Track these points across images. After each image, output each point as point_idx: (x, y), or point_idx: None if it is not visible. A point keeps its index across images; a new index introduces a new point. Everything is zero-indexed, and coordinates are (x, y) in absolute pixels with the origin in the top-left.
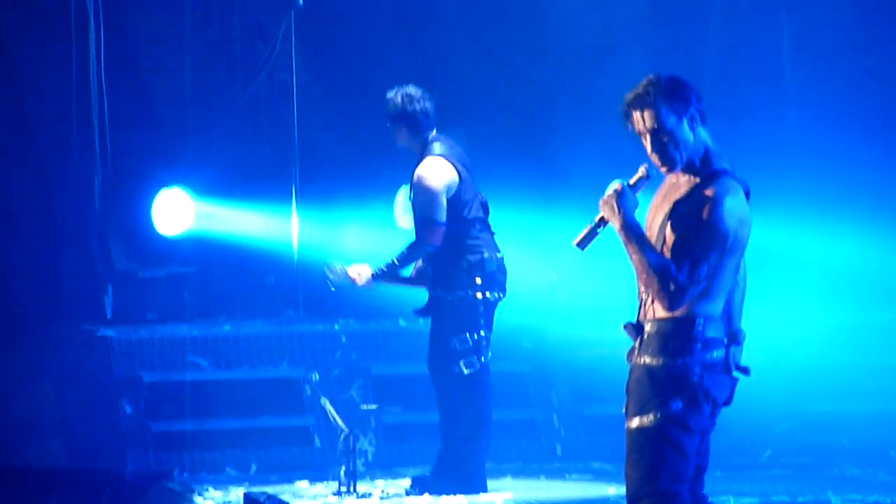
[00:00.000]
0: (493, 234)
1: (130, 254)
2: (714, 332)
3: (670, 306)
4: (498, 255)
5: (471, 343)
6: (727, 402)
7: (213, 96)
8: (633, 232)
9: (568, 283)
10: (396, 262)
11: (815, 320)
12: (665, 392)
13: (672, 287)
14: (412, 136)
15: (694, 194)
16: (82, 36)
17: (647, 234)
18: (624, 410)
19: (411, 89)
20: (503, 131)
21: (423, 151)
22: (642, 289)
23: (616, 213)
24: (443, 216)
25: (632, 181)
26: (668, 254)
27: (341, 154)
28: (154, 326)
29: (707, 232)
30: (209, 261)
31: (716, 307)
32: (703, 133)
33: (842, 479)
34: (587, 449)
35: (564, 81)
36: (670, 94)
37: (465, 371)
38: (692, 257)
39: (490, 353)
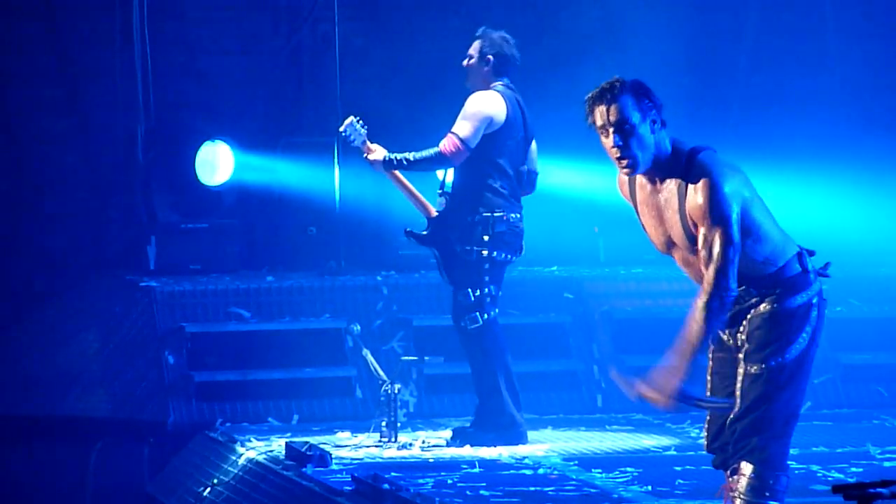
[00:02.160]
0: (517, 199)
1: (174, 205)
2: (810, 264)
3: (727, 304)
4: (512, 216)
5: (472, 298)
6: None
7: (256, 48)
8: (689, 346)
9: (610, 235)
10: (409, 158)
11: (855, 273)
12: (796, 329)
13: (726, 298)
14: (491, 76)
15: (689, 189)
16: None
17: (664, 238)
18: (720, 355)
19: (508, 35)
20: (546, 84)
21: (487, 86)
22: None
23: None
24: (472, 139)
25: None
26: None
27: (383, 106)
28: (197, 278)
29: (721, 214)
30: (252, 212)
31: (791, 242)
32: (665, 136)
33: (881, 430)
34: (628, 400)
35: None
36: (636, 93)
37: (469, 326)
38: (720, 263)
39: (497, 310)
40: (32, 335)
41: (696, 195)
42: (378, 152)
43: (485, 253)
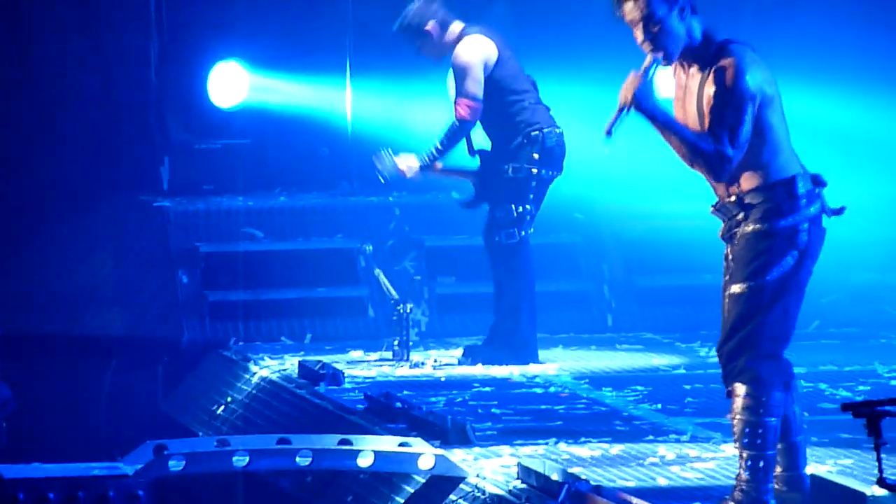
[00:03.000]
0: (548, 108)
1: (186, 126)
2: (808, 185)
3: (718, 176)
4: (557, 130)
5: (514, 214)
6: None
7: None
8: (659, 115)
9: (620, 156)
10: (439, 146)
11: (861, 193)
12: (775, 251)
13: (717, 156)
14: (444, 33)
15: (712, 72)
16: None
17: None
18: (726, 279)
19: (416, 2)
20: (545, 4)
21: (456, 42)
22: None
23: (637, 98)
24: (478, 91)
25: (643, 68)
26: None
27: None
28: (210, 198)
29: (736, 98)
30: (264, 133)
31: (797, 162)
32: (696, 22)
33: (888, 349)
34: (638, 320)
35: None
36: None
37: (505, 241)
38: (728, 124)
39: (532, 229)
40: (47, 254)
41: (715, 80)
42: (412, 163)
43: (534, 171)
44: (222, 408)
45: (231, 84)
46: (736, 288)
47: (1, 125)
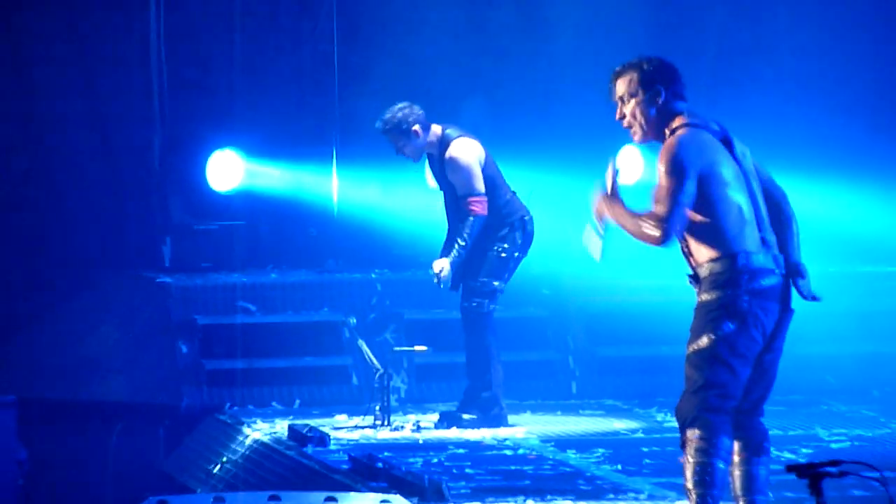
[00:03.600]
0: (515, 193)
1: (186, 208)
2: (761, 262)
3: (661, 241)
4: (526, 215)
5: (489, 288)
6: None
7: (261, 66)
8: (622, 215)
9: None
10: (463, 243)
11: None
12: (717, 318)
13: (653, 225)
14: (424, 140)
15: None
16: (143, 11)
17: None
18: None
19: (399, 105)
20: (519, 98)
21: (440, 142)
22: (682, 245)
23: (613, 211)
24: (482, 187)
25: (608, 185)
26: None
27: (376, 119)
28: (208, 274)
29: (666, 176)
30: (258, 215)
31: (749, 241)
32: (676, 107)
33: (829, 415)
34: (600, 388)
35: (575, 54)
36: (643, 71)
37: (478, 309)
38: (659, 194)
39: (497, 305)
40: (58, 327)
41: (657, 161)
42: (444, 266)
43: (516, 254)
44: (218, 467)
45: (227, 170)
46: (688, 350)
47: (16, 208)
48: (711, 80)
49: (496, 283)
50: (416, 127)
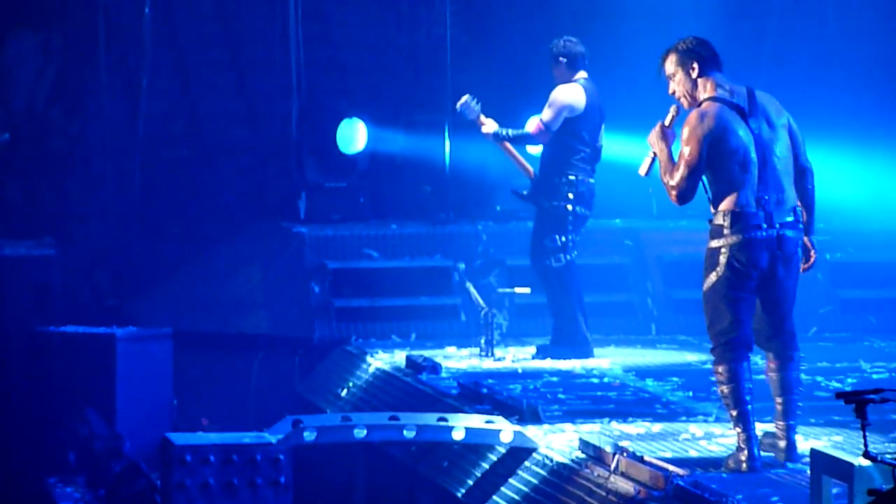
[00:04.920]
0: (592, 167)
1: (319, 168)
2: (746, 219)
3: (674, 200)
4: (590, 180)
5: (559, 243)
6: (774, 264)
7: (383, 45)
8: (663, 153)
9: (662, 195)
10: (510, 133)
11: (852, 226)
12: (708, 266)
13: (670, 186)
14: (568, 71)
15: None
16: None
17: None
18: None
19: (568, 37)
20: (622, 72)
21: (567, 83)
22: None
23: (660, 145)
24: (552, 123)
25: (667, 121)
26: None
27: (485, 91)
28: (337, 225)
29: (683, 140)
30: (380, 174)
31: (742, 201)
32: (708, 77)
33: (871, 350)
34: (675, 325)
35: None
36: (678, 51)
37: (554, 265)
38: (676, 163)
39: (576, 253)
40: (207, 268)
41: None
42: (490, 125)
43: (569, 207)
44: (345, 391)
45: (354, 136)
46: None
47: (174, 167)
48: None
49: (562, 239)
50: (562, 59)
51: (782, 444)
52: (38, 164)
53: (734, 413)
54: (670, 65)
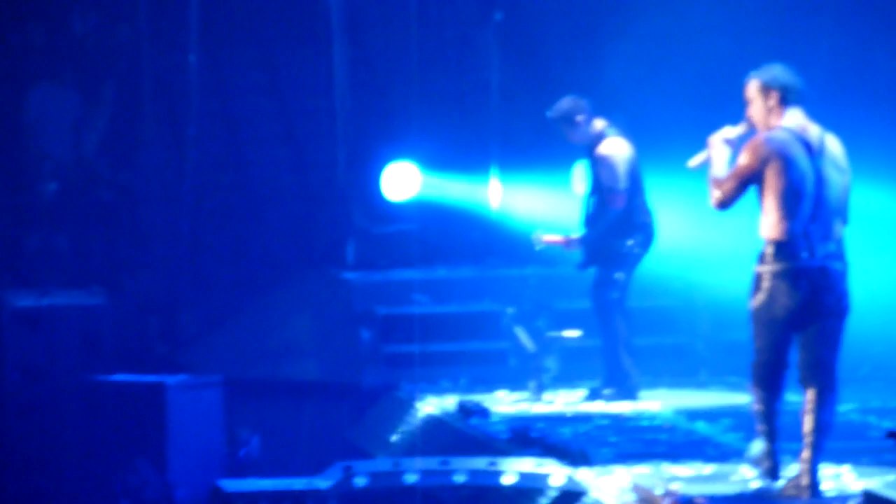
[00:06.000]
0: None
1: (367, 214)
2: (790, 249)
3: (715, 205)
4: (651, 220)
5: (623, 280)
6: (812, 300)
7: (431, 91)
8: (717, 161)
9: (710, 238)
10: (597, 228)
11: None
12: (752, 290)
13: (716, 193)
14: (583, 130)
15: None
16: (328, 45)
17: None
18: None
19: (568, 98)
20: (660, 117)
21: (597, 138)
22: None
23: (719, 147)
24: (624, 184)
25: (735, 130)
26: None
27: (529, 136)
28: (386, 271)
29: (741, 158)
30: (428, 219)
31: (789, 231)
32: (784, 109)
33: None
34: (725, 367)
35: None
36: (762, 76)
37: (610, 297)
38: (732, 172)
39: (621, 294)
40: (257, 317)
41: None
42: (572, 241)
43: (636, 251)
44: (395, 437)
45: (401, 180)
46: None
47: (223, 215)
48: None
49: (618, 275)
50: (580, 117)
51: (805, 481)
52: (87, 214)
53: (761, 429)
54: (752, 90)
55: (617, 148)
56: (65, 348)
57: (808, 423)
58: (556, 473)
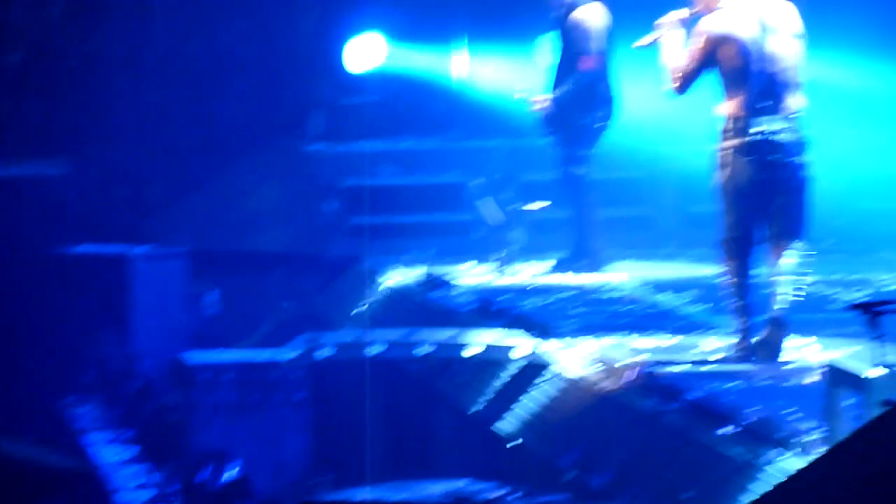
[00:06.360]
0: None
1: (332, 85)
2: (739, 126)
3: (674, 90)
4: (614, 94)
5: (587, 155)
6: (773, 171)
7: None
8: (672, 43)
9: (676, 111)
10: (567, 88)
11: (873, 137)
12: (716, 166)
13: (674, 77)
14: None
15: None
16: None
17: None
18: None
19: None
20: None
21: (572, 4)
22: None
23: (672, 31)
24: (596, 47)
25: (679, 14)
26: None
27: (497, 5)
28: (350, 142)
29: (692, 40)
30: (394, 91)
31: (742, 106)
32: None
33: (885, 262)
34: (690, 239)
35: None
36: None
37: (576, 172)
38: (686, 56)
39: (588, 169)
40: (224, 187)
41: None
42: (545, 99)
43: (598, 125)
44: (361, 308)
45: (368, 52)
46: None
47: (187, 86)
48: None
49: (582, 151)
50: None
51: (768, 352)
52: (52, 84)
53: (735, 304)
54: None
55: (592, 14)
56: (29, 219)
57: (772, 298)
58: (521, 345)
